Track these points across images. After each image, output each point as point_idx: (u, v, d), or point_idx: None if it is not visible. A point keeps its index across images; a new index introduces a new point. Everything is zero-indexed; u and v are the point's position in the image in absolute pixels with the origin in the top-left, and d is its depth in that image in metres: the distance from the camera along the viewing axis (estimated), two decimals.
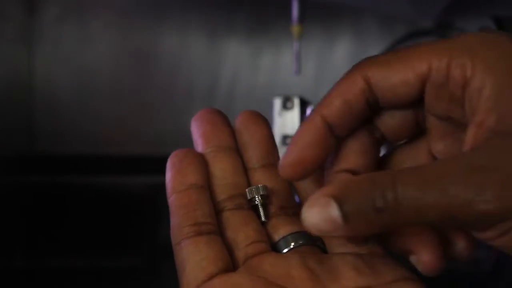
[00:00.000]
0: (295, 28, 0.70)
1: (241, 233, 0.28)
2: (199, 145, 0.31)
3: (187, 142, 0.32)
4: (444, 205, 0.24)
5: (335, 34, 0.83)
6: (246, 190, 0.29)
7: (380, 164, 0.31)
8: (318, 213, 0.26)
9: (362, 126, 0.30)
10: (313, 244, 0.29)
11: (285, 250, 0.28)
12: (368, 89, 0.28)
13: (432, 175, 0.24)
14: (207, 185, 0.29)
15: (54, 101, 0.83)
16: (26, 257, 0.79)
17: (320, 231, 0.26)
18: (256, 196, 0.29)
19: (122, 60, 0.84)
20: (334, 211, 0.25)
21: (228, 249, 0.28)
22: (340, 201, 0.25)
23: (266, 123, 0.31)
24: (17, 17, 0.81)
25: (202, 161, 0.30)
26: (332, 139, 0.29)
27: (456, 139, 0.29)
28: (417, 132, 0.30)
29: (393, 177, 0.25)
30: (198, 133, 0.31)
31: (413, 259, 0.28)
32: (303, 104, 0.62)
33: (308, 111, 0.65)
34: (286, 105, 0.62)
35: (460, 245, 0.29)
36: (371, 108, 0.29)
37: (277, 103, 0.62)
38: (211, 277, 0.26)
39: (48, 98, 0.83)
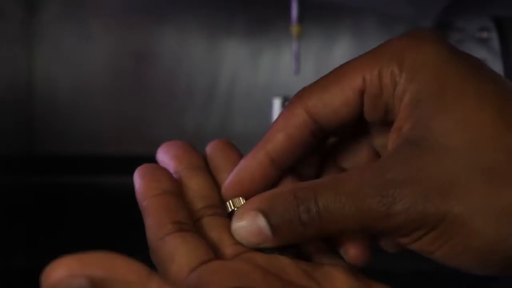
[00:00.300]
0: (295, 28, 0.70)
1: (226, 234, 0.28)
2: (171, 166, 0.30)
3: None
4: (362, 216, 0.25)
5: (334, 34, 0.83)
6: (230, 201, 0.29)
7: (323, 157, 0.32)
8: (247, 226, 0.27)
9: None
10: (296, 254, 0.29)
11: None
12: (310, 120, 0.28)
13: (350, 187, 0.26)
14: (180, 196, 0.29)
15: (54, 101, 0.83)
16: (26, 257, 0.79)
17: (251, 243, 0.27)
18: (236, 209, 0.29)
19: (122, 60, 0.84)
20: (262, 223, 0.26)
21: (214, 248, 0.27)
22: (266, 215, 0.26)
23: (238, 150, 0.31)
24: (17, 17, 0.81)
25: (173, 177, 0.29)
26: (274, 172, 0.29)
27: None
28: (359, 124, 0.30)
29: (314, 191, 0.26)
30: (169, 156, 0.31)
31: (341, 251, 0.29)
32: None
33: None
34: (285, 105, 0.62)
35: (387, 240, 0.29)
36: (316, 137, 0.29)
37: (277, 103, 0.62)
38: (205, 262, 0.26)
39: (48, 98, 0.83)
